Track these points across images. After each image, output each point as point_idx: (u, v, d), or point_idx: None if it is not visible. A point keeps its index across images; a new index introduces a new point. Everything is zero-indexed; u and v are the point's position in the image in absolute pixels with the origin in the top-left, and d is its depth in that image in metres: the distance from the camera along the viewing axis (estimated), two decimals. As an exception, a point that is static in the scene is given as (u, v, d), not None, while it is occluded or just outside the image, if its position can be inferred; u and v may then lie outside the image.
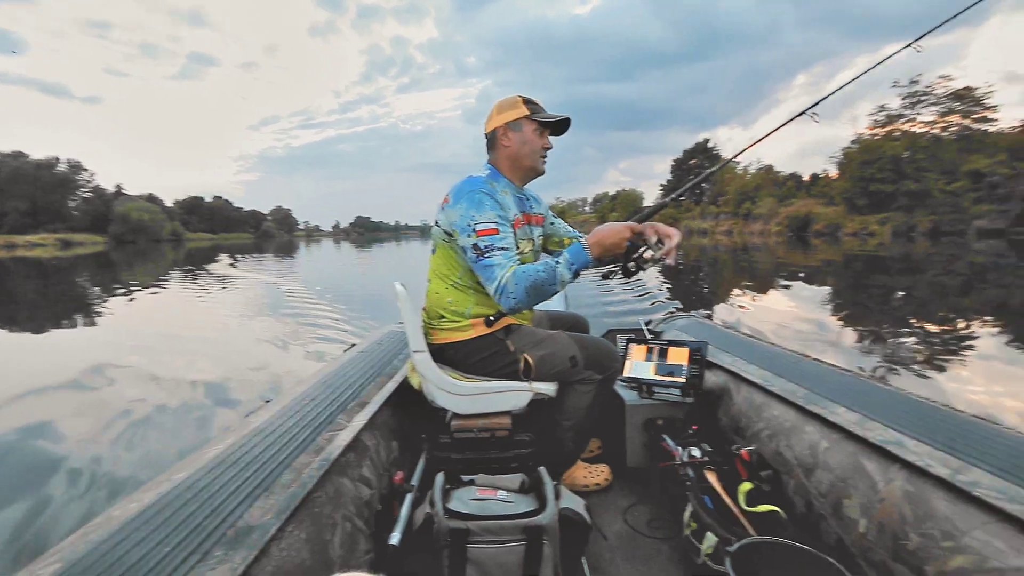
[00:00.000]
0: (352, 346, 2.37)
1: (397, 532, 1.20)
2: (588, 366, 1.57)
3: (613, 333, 2.61)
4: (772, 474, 1.42)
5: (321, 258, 29.05)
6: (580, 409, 1.59)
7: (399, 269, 19.15)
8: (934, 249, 20.21)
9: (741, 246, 26.72)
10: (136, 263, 23.41)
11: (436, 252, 1.60)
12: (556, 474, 1.64)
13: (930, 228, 28.14)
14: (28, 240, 48.43)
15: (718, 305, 8.34)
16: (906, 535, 1.01)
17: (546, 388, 1.58)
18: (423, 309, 1.65)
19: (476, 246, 1.42)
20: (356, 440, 1.32)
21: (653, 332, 2.47)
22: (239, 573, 0.79)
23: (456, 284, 1.55)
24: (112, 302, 9.91)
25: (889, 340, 5.78)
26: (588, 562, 1.37)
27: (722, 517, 1.30)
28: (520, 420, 1.59)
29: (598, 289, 8.72)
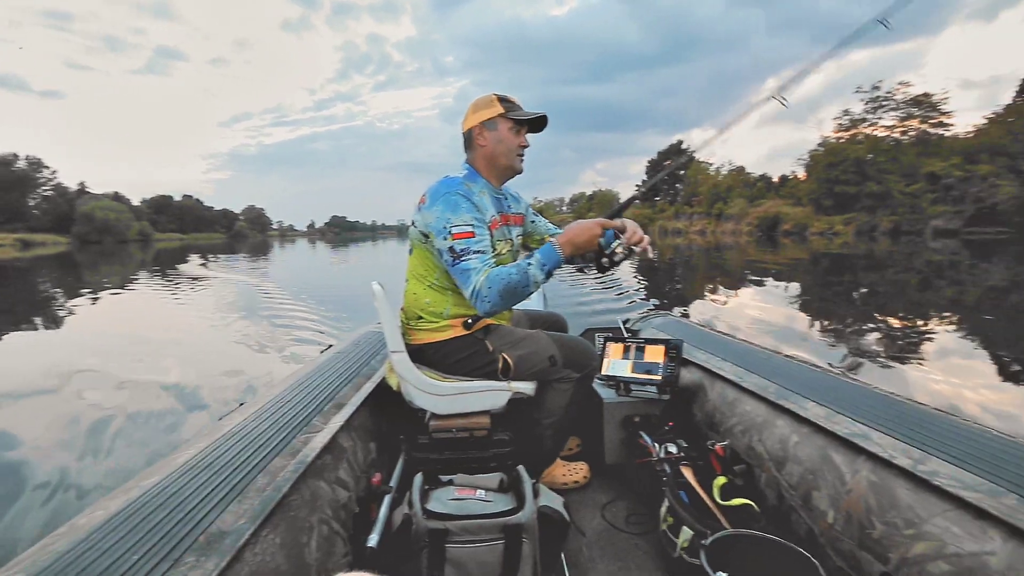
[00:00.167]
0: (329, 347, 2.34)
1: (375, 534, 1.19)
2: (567, 365, 1.58)
3: (591, 332, 2.64)
4: (745, 468, 1.45)
5: (296, 258, 28.55)
6: (559, 407, 1.60)
7: (377, 269, 18.95)
8: (894, 248, 21.03)
9: (714, 245, 27.29)
10: (102, 264, 22.61)
11: (413, 253, 1.59)
12: (535, 473, 1.65)
13: (891, 228, 29.30)
14: (-16, 240, 46.38)
15: (694, 303, 8.49)
16: (871, 524, 1.05)
17: (525, 387, 1.58)
18: (401, 309, 1.64)
19: (452, 249, 1.41)
20: (333, 442, 1.30)
21: (630, 330, 2.51)
22: None
23: (433, 285, 1.55)
24: (76, 305, 9.55)
25: (854, 335, 5.99)
26: (567, 559, 1.38)
27: (697, 511, 1.32)
28: (499, 419, 1.59)
29: (576, 288, 8.79)
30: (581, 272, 1.62)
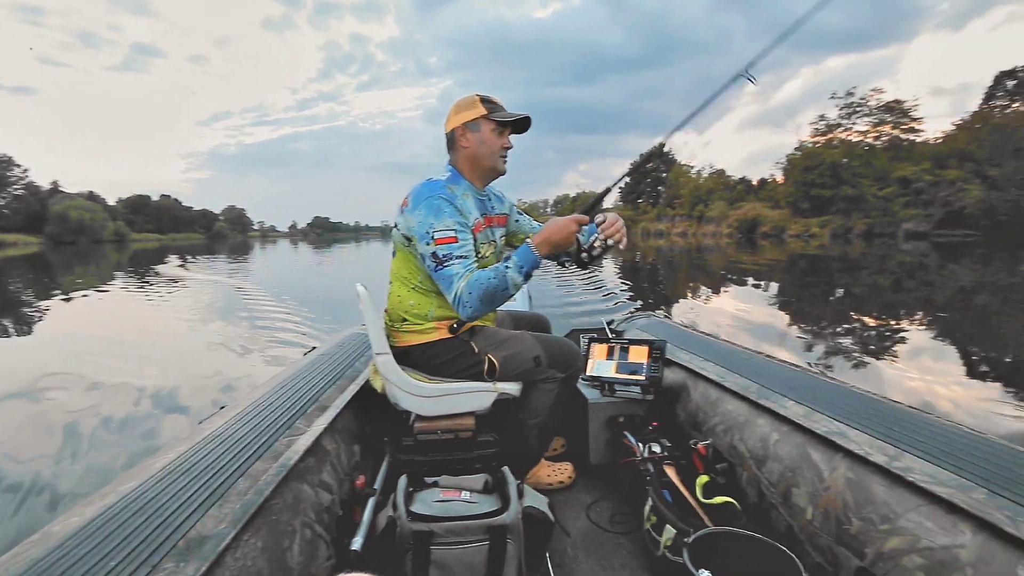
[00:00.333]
0: (312, 349, 2.31)
1: (359, 537, 1.18)
2: (551, 365, 1.59)
3: (576, 333, 2.65)
4: (727, 467, 1.48)
5: (277, 259, 28.16)
6: (544, 408, 1.61)
7: (361, 269, 18.79)
8: (868, 250, 21.60)
9: (695, 247, 27.71)
10: (76, 265, 22.04)
11: (396, 255, 1.58)
12: (520, 473, 1.65)
13: (864, 230, 30.09)
14: (-49, 240, 44.86)
15: (677, 304, 8.59)
16: (848, 520, 1.07)
17: (510, 388, 1.58)
18: (385, 311, 1.63)
19: (435, 255, 1.41)
20: (316, 445, 1.29)
21: (615, 331, 2.52)
22: None
23: (417, 287, 1.54)
24: (49, 307, 9.29)
25: (831, 335, 6.12)
26: (551, 559, 1.38)
27: (680, 510, 1.34)
28: (484, 420, 1.59)
29: (562, 289, 8.83)
30: (563, 267, 1.62)
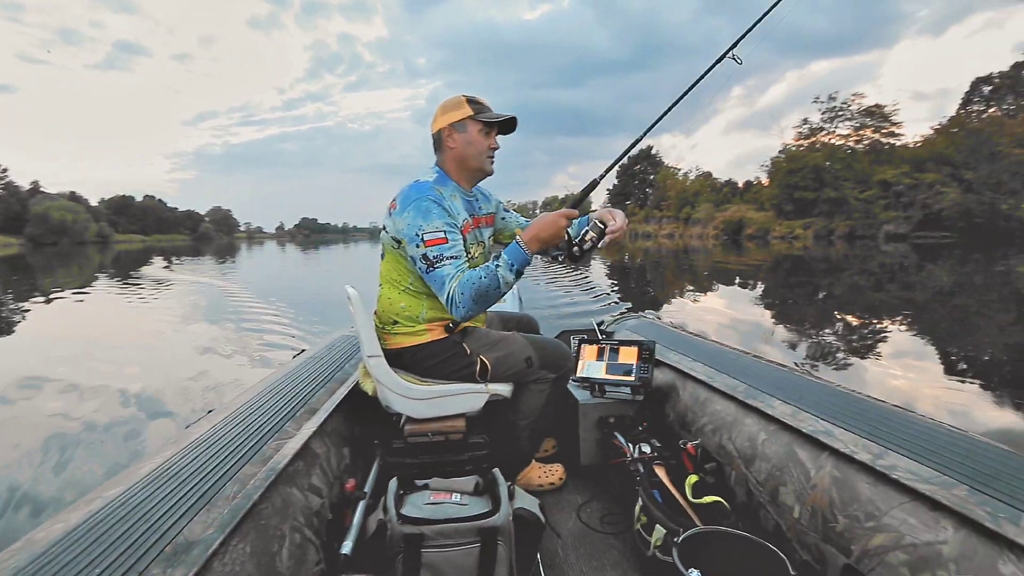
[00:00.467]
0: (302, 351, 2.29)
1: (349, 541, 1.18)
2: (543, 366, 1.60)
3: (566, 334, 2.66)
4: (716, 466, 1.49)
5: (264, 261, 27.88)
6: (535, 408, 1.61)
7: (349, 271, 18.67)
8: (850, 251, 21.98)
9: (682, 248, 27.97)
10: (57, 267, 21.63)
11: (385, 257, 1.57)
12: (511, 475, 1.65)
13: (846, 232, 30.67)
14: (-73, 241, 43.78)
15: (666, 305, 8.65)
16: (835, 518, 1.09)
17: (502, 389, 1.59)
18: (374, 314, 1.62)
19: (425, 256, 1.41)
20: (305, 448, 1.28)
21: (605, 332, 2.54)
22: None
23: (408, 290, 1.53)
24: (30, 309, 9.11)
25: (816, 335, 6.20)
26: (542, 560, 1.39)
27: (670, 510, 1.35)
28: (474, 422, 1.59)
29: (551, 290, 8.84)
30: (554, 260, 1.61)
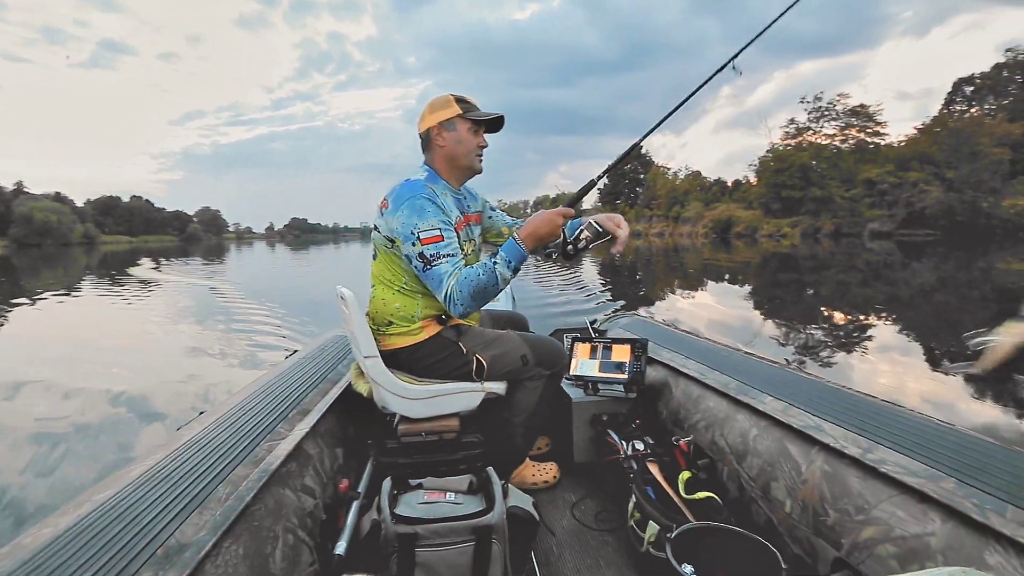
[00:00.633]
0: (294, 352, 2.28)
1: (343, 541, 1.17)
2: (538, 363, 1.60)
3: (560, 332, 2.66)
4: (708, 462, 1.50)
5: (254, 261, 27.68)
6: (529, 405, 1.62)
7: (343, 271, 18.59)
8: (836, 249, 22.28)
9: (672, 247, 28.16)
10: (43, 268, 21.31)
11: (377, 258, 1.56)
12: (505, 473, 1.65)
13: (832, 230, 31.08)
14: (-93, 243, 42.95)
15: (658, 303, 8.70)
16: (825, 512, 1.10)
17: (497, 387, 1.59)
18: (367, 315, 1.62)
19: (422, 255, 1.40)
20: (298, 449, 1.28)
21: (598, 331, 2.54)
22: None
23: (403, 289, 1.53)
24: (15, 311, 8.97)
25: (805, 331, 6.27)
26: (537, 558, 1.39)
27: (664, 506, 1.36)
28: (468, 421, 1.59)
29: (544, 289, 8.86)
30: (549, 259, 1.63)
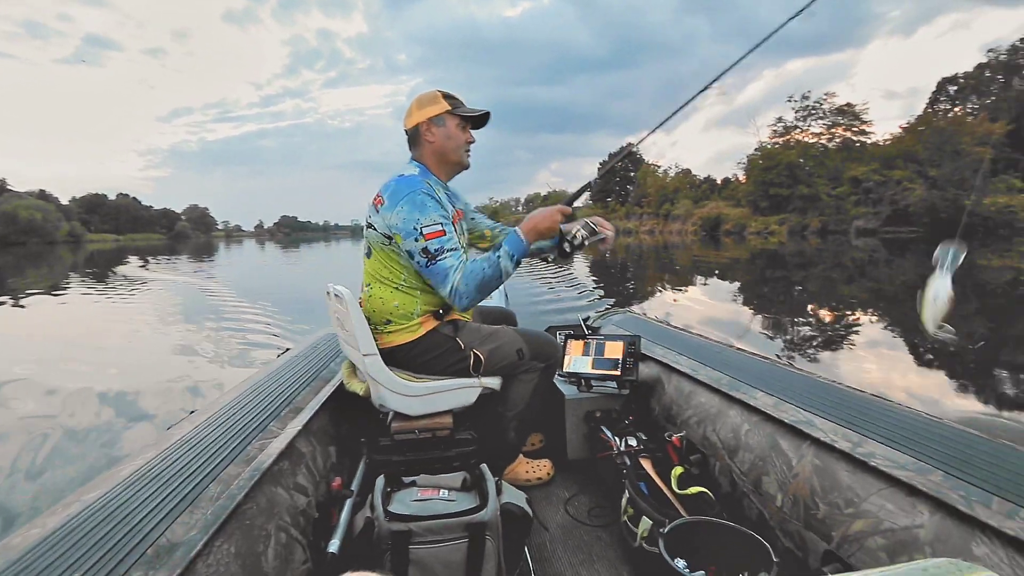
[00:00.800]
0: (286, 350, 2.26)
1: (336, 539, 1.17)
2: (533, 358, 1.61)
3: (553, 329, 2.66)
4: (700, 457, 1.51)
5: (244, 260, 27.45)
6: (523, 398, 1.62)
7: (335, 268, 18.50)
8: (823, 246, 22.55)
9: (662, 244, 28.34)
10: (27, 267, 20.98)
11: (372, 256, 1.54)
12: (499, 470, 1.65)
13: (819, 227, 31.49)
14: None
15: (650, 300, 8.75)
16: (816, 505, 1.11)
17: (493, 383, 1.60)
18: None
19: (425, 250, 1.40)
20: (290, 447, 1.27)
21: (590, 328, 2.55)
22: None
23: (401, 287, 1.52)
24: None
25: (794, 326, 6.34)
26: (531, 554, 1.39)
27: (656, 501, 1.37)
28: (461, 418, 1.59)
29: (537, 287, 8.86)
30: (545, 261, 1.67)
